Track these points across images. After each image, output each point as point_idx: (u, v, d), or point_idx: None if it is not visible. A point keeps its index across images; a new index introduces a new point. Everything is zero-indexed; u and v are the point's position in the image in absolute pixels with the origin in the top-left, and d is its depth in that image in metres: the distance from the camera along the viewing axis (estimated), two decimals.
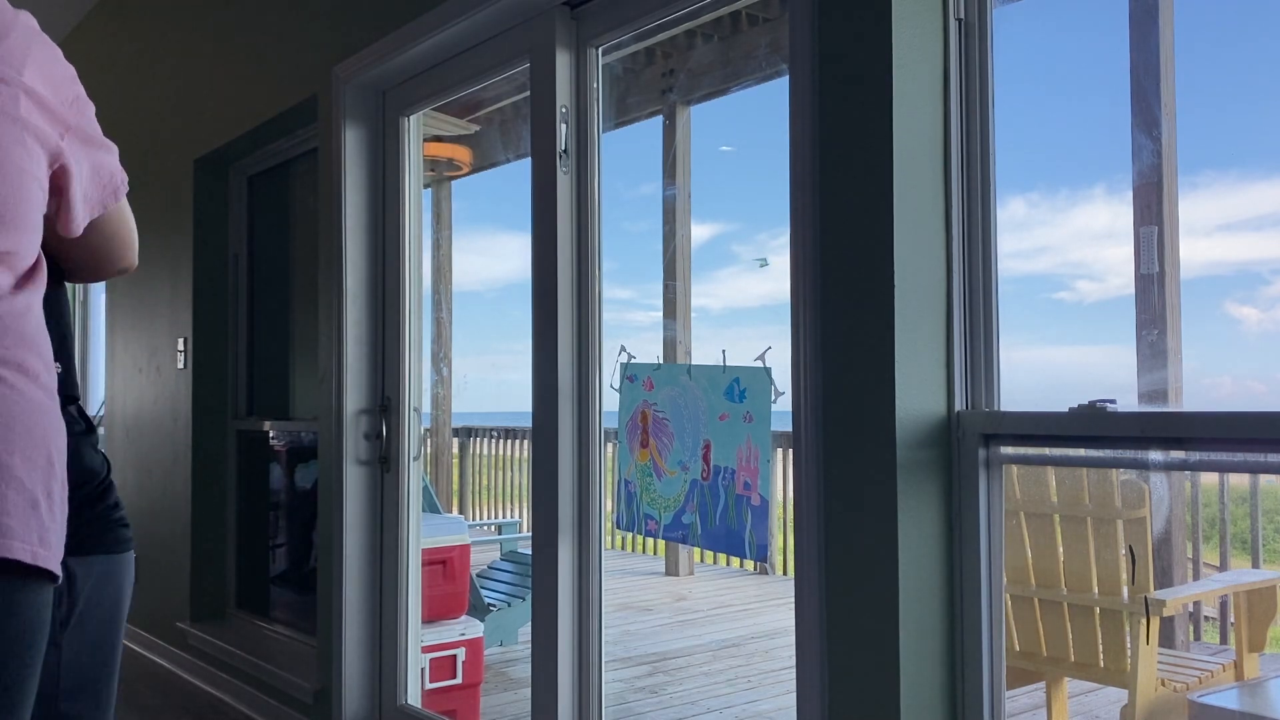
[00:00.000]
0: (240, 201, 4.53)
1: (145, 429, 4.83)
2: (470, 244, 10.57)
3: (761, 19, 5.49)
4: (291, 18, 3.65)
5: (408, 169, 3.25)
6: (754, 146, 7.60)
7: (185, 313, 4.46)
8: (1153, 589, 3.04)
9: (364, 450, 3.27)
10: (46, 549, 1.07)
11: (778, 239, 7.22)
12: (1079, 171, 2.50)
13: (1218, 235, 2.57)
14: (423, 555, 3.32)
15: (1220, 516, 4.43)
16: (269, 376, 4.47)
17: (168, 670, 4.52)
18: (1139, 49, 2.58)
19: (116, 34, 5.32)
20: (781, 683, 4.46)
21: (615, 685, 4.43)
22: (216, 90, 4.21)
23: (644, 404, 2.45)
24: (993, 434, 1.82)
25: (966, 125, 1.88)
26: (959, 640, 1.84)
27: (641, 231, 7.44)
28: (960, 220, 1.88)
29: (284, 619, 4.17)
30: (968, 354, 1.87)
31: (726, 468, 2.23)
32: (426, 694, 3.32)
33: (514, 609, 4.89)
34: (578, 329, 2.60)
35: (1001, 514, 1.84)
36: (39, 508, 1.07)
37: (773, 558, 6.91)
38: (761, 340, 2.16)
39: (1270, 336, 2.59)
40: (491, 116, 6.29)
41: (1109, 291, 2.60)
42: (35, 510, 1.06)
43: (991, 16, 1.87)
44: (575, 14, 2.60)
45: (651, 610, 6.11)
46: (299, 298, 4.25)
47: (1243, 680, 3.07)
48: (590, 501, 2.58)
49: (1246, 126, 2.39)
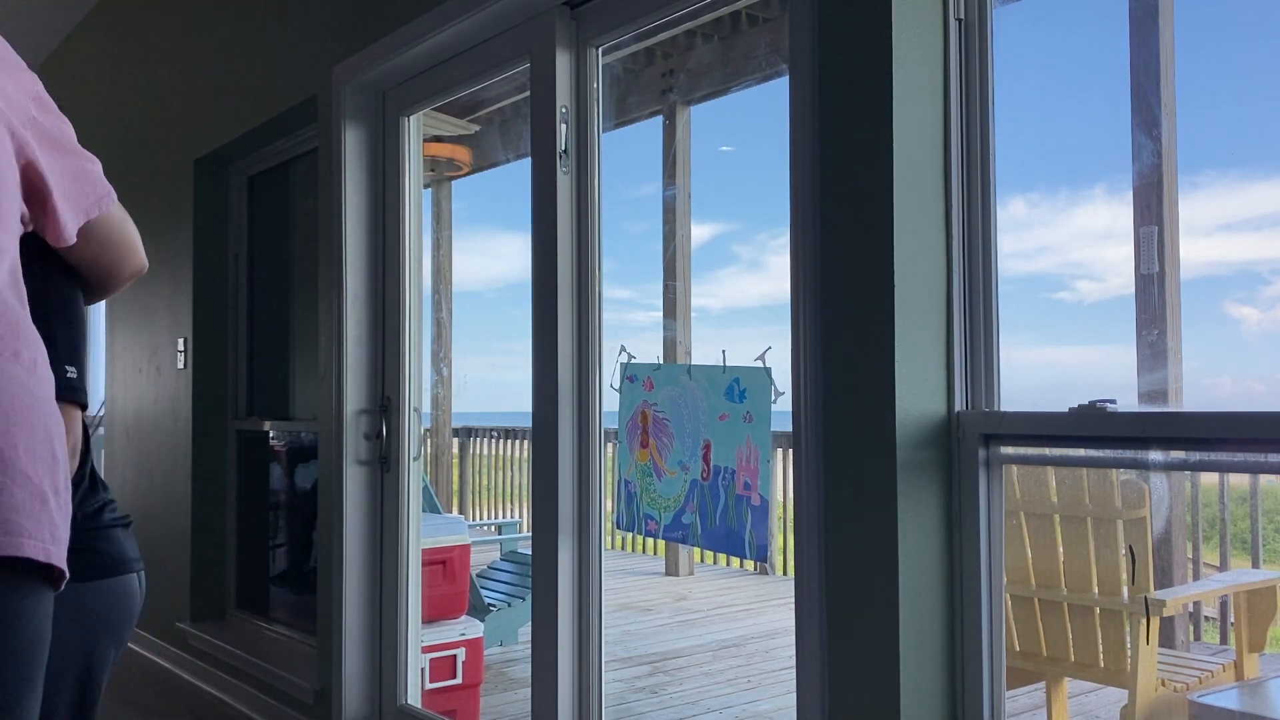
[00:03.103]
0: (240, 201, 4.53)
1: (145, 429, 4.83)
2: (470, 244, 10.57)
3: (761, 19, 5.49)
4: (291, 18, 3.65)
5: (408, 169, 3.25)
6: (754, 146, 7.61)
7: (185, 313, 4.46)
8: (1153, 589, 3.04)
9: (364, 450, 3.27)
10: (58, 547, 1.03)
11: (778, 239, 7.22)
12: (1079, 171, 2.50)
13: (1218, 235, 2.57)
14: (423, 555, 3.32)
15: (1220, 516, 4.43)
16: (269, 376, 4.47)
17: (168, 670, 4.51)
18: (1139, 49, 2.58)
19: (117, 34, 5.32)
20: (781, 683, 4.46)
21: (615, 685, 4.43)
22: (216, 90, 4.21)
23: (644, 404, 2.45)
24: (993, 434, 1.82)
25: (966, 125, 1.88)
26: (959, 640, 1.84)
27: (641, 231, 7.44)
28: (960, 220, 1.88)
29: (284, 619, 4.17)
30: (968, 354, 1.87)
31: (726, 468, 2.23)
32: (426, 694, 3.32)
33: (514, 609, 4.89)
34: (578, 329, 2.60)
35: (1001, 514, 1.84)
36: (48, 503, 1.03)
37: (773, 558, 6.91)
38: (761, 340, 2.16)
39: (1270, 336, 2.59)
40: (491, 116, 6.29)
41: (1109, 291, 2.60)
42: (45, 506, 1.02)
43: (991, 16, 1.87)
44: (575, 14, 2.60)
45: (651, 610, 6.10)
46: (299, 298, 4.25)
47: (1243, 680, 3.07)
48: (590, 501, 2.58)
49: (1246, 126, 2.39)
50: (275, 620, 4.22)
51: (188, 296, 4.44)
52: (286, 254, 4.40)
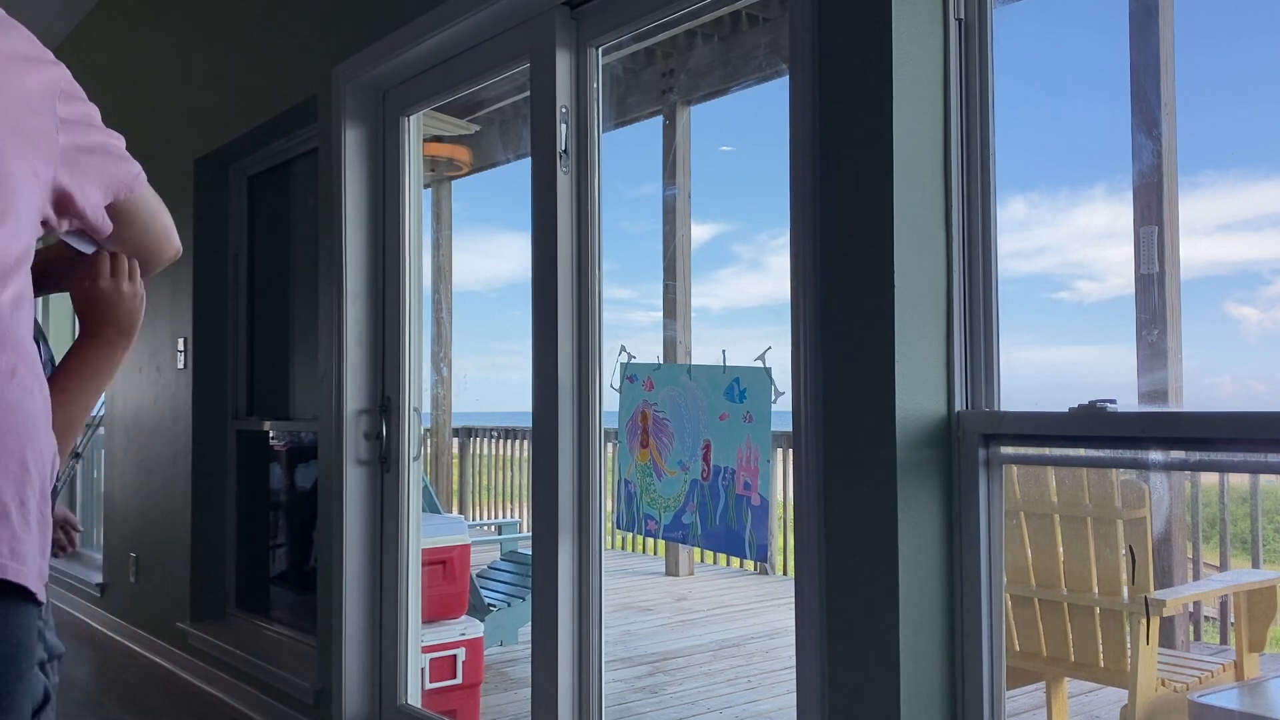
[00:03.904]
0: (240, 201, 4.53)
1: (145, 429, 4.83)
2: (470, 244, 10.57)
3: (761, 19, 5.49)
4: (291, 18, 3.65)
5: (408, 169, 3.25)
6: (754, 146, 7.61)
7: (185, 313, 4.46)
8: (1153, 589, 3.04)
9: (364, 450, 3.27)
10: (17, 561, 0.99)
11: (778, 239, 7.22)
12: (1079, 171, 2.50)
13: (1218, 235, 2.57)
14: (423, 555, 3.31)
15: (1220, 516, 4.43)
16: (269, 376, 4.47)
17: (168, 670, 4.51)
18: (1139, 49, 2.58)
19: (117, 34, 5.32)
20: (781, 683, 4.46)
21: (615, 685, 4.43)
22: (216, 90, 4.21)
23: (644, 404, 2.45)
24: (993, 434, 1.82)
25: (966, 125, 1.88)
26: (959, 640, 1.84)
27: (641, 231, 7.44)
28: (960, 220, 1.88)
29: (284, 619, 4.17)
30: (968, 354, 1.87)
31: (726, 468, 2.23)
32: (426, 694, 3.32)
33: (514, 609, 4.89)
34: (578, 329, 2.60)
35: (1001, 514, 1.84)
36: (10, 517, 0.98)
37: (773, 558, 6.91)
38: (761, 340, 2.16)
39: (1270, 336, 2.59)
40: (491, 116, 6.29)
41: (1109, 291, 2.60)
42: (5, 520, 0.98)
43: (991, 16, 1.87)
44: (575, 14, 2.60)
45: (651, 610, 6.10)
46: (299, 298, 4.25)
47: (1243, 680, 3.07)
48: (590, 501, 2.58)
49: (1246, 126, 2.39)
50: (275, 620, 4.22)
51: (188, 296, 4.44)
52: (286, 254, 4.40)
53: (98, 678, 4.45)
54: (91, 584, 5.39)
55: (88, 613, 5.52)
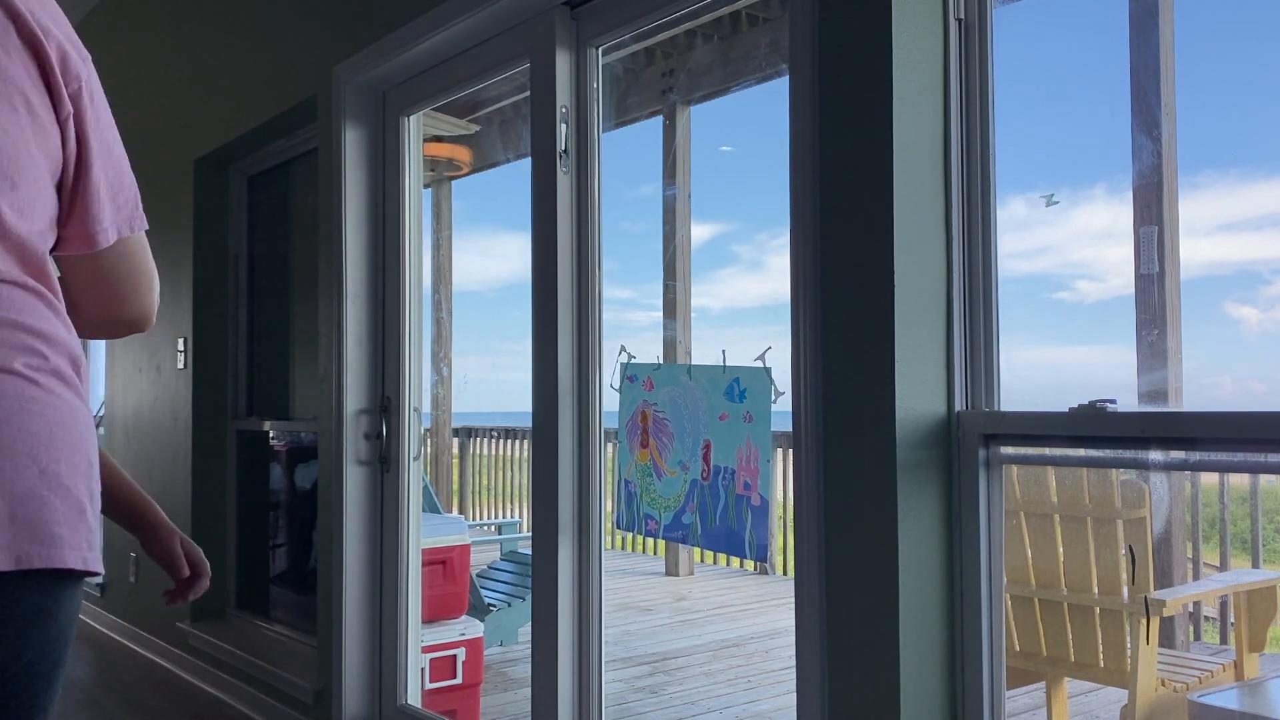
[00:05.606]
0: (240, 201, 4.53)
1: (145, 429, 4.83)
2: (470, 244, 10.56)
3: (761, 19, 5.49)
4: (291, 18, 3.65)
5: (408, 169, 3.25)
6: (754, 146, 7.60)
7: (185, 313, 4.46)
8: (1153, 589, 3.04)
9: (364, 450, 3.27)
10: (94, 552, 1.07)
11: (778, 239, 7.22)
12: (1079, 171, 2.50)
13: (1218, 235, 2.57)
14: (423, 555, 3.32)
15: (1220, 516, 4.43)
16: (269, 376, 4.47)
17: (168, 670, 4.51)
18: (1139, 49, 2.58)
19: (117, 34, 5.32)
20: (781, 683, 4.46)
21: (615, 685, 4.43)
22: (216, 90, 4.21)
23: (644, 404, 2.45)
24: (993, 434, 1.82)
25: (966, 125, 1.88)
26: (959, 640, 1.84)
27: (641, 231, 7.43)
28: (960, 220, 1.88)
29: (284, 619, 4.17)
30: (968, 354, 1.87)
31: (726, 468, 2.23)
32: (426, 694, 3.32)
33: (514, 609, 4.89)
34: (578, 329, 2.60)
35: (1001, 514, 1.84)
36: (86, 513, 1.06)
37: (773, 558, 6.91)
38: (761, 340, 2.16)
39: (1270, 336, 2.59)
40: (491, 116, 6.29)
41: (1109, 291, 2.60)
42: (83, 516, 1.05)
43: (991, 16, 1.87)
44: (575, 14, 2.60)
45: (651, 610, 6.10)
46: (299, 298, 4.24)
47: (1243, 680, 3.07)
48: (590, 501, 2.58)
49: (1246, 126, 2.39)
50: (275, 620, 4.22)
51: (188, 296, 4.44)
52: (286, 254, 4.40)
53: (98, 678, 4.45)
54: (91, 584, 5.39)
55: (88, 613, 5.52)
